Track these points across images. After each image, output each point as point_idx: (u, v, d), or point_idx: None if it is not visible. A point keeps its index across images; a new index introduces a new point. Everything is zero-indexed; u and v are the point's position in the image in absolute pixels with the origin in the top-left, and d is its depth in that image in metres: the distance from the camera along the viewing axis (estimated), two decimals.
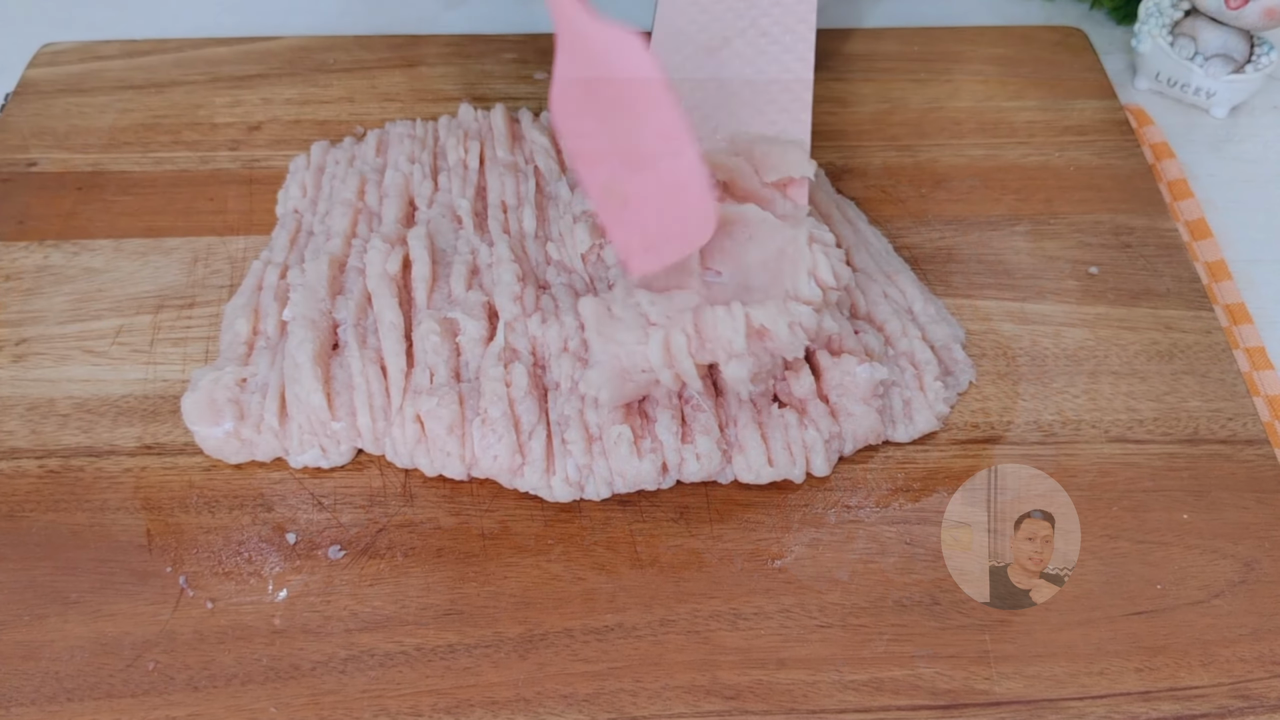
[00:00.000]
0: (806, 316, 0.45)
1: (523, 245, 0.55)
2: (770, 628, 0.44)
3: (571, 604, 0.44)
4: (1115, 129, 0.65)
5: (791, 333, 0.45)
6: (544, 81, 0.68)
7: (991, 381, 0.52)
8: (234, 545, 0.46)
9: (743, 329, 0.44)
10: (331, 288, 0.52)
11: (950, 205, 0.61)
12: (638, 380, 0.46)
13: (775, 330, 0.45)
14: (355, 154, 0.60)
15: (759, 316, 0.45)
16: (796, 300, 0.46)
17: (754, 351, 0.45)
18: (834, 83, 0.68)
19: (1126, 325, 0.55)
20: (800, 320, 0.45)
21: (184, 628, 0.43)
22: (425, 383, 0.48)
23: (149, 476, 0.48)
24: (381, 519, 0.47)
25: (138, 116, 0.65)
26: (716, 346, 0.44)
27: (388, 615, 0.44)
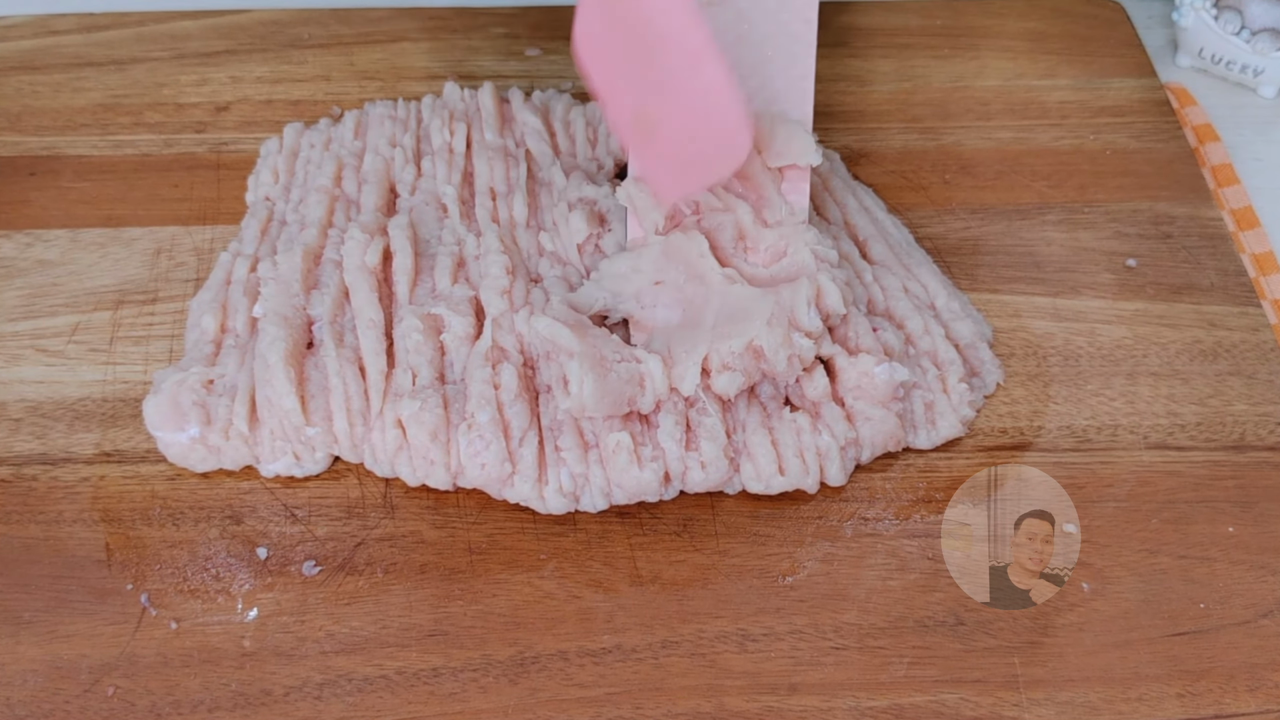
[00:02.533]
0: (807, 350, 0.47)
1: (513, 235, 0.55)
2: (781, 650, 0.44)
3: (566, 624, 0.44)
4: (1155, 110, 0.65)
5: (789, 365, 0.47)
6: (536, 58, 0.68)
7: (1021, 383, 0.52)
8: (200, 561, 0.46)
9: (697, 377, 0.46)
10: (306, 282, 0.52)
11: (976, 192, 0.61)
12: (624, 391, 0.46)
13: (774, 360, 0.46)
14: (331, 137, 0.60)
15: (761, 337, 0.46)
16: (797, 329, 0.47)
17: (745, 369, 0.46)
18: (850, 59, 0.68)
19: (1167, 322, 0.55)
20: (800, 353, 0.47)
21: (146, 650, 0.43)
22: (407, 385, 0.48)
23: (108, 486, 0.48)
24: (360, 532, 0.47)
25: (96, 96, 0.65)
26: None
27: (367, 636, 0.44)
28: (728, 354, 0.46)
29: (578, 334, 0.47)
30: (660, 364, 0.46)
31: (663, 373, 0.46)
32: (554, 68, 0.67)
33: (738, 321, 0.47)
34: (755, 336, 0.46)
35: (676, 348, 0.47)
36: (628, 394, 0.46)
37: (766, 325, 0.47)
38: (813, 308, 0.47)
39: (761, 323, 0.47)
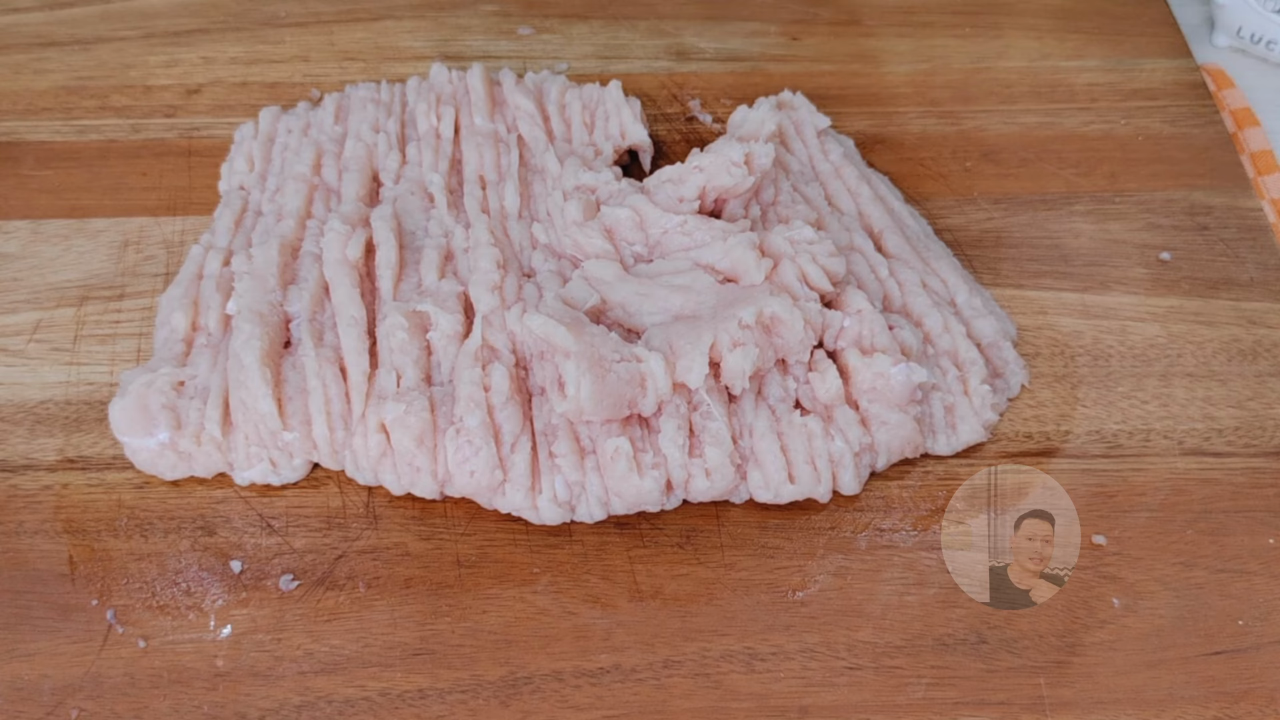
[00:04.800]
0: (815, 314, 0.48)
1: (504, 227, 0.55)
2: (791, 670, 0.44)
3: (561, 642, 0.44)
4: (1190, 92, 0.65)
5: (805, 333, 0.47)
6: (529, 37, 0.68)
7: (1047, 385, 0.52)
8: (170, 574, 0.46)
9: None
10: (283, 276, 0.52)
11: (999, 181, 0.61)
12: (624, 393, 0.46)
13: (789, 325, 0.47)
14: (310, 122, 0.60)
15: (770, 305, 0.46)
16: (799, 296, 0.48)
17: (758, 343, 0.47)
18: (864, 39, 0.68)
19: (1203, 320, 0.55)
20: (810, 317, 0.47)
21: (113, 670, 0.43)
22: (391, 386, 0.48)
23: (71, 495, 0.48)
24: (341, 544, 0.47)
25: (59, 78, 0.65)
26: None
27: (348, 655, 0.44)
28: (737, 330, 0.46)
29: (574, 332, 0.47)
30: (662, 362, 0.46)
31: (665, 372, 0.46)
32: (548, 47, 0.67)
33: (739, 305, 0.47)
34: (764, 305, 0.47)
35: (679, 341, 0.47)
36: (628, 395, 0.46)
37: (771, 295, 0.47)
38: (802, 286, 0.49)
39: (764, 295, 0.47)
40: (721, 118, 0.63)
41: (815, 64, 0.67)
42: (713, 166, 0.52)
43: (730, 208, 0.54)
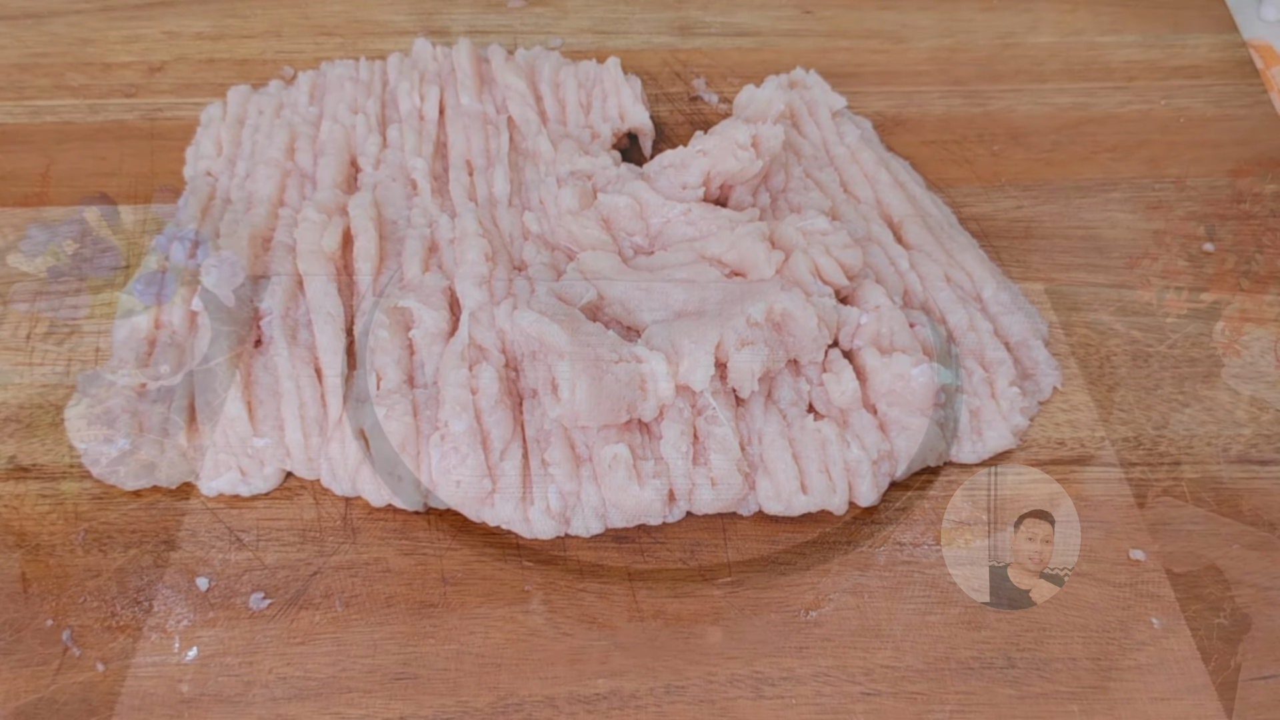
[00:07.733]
0: (829, 310, 0.48)
1: (493, 216, 0.55)
2: (803, 696, 0.44)
3: (554, 666, 0.44)
4: (1236, 70, 0.65)
5: (819, 331, 0.47)
6: (519, 11, 0.68)
7: (1081, 388, 0.52)
8: (131, 593, 0.46)
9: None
10: (254, 269, 0.52)
11: (1029, 166, 0.61)
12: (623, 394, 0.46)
13: (801, 322, 0.47)
14: (283, 102, 0.61)
15: (780, 301, 0.47)
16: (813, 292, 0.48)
17: (768, 341, 0.47)
18: (883, 12, 0.68)
19: (1251, 316, 0.55)
20: (824, 314, 0.47)
21: (68, 695, 0.43)
22: (371, 389, 0.48)
23: (24, 506, 0.48)
24: (316, 559, 0.47)
25: (10, 55, 0.65)
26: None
27: (324, 679, 0.44)
28: (745, 328, 0.46)
29: (568, 330, 0.47)
30: (664, 362, 0.46)
31: (667, 373, 0.46)
32: (540, 21, 0.67)
33: (748, 300, 0.48)
34: (774, 301, 0.47)
35: (682, 340, 0.47)
36: (627, 399, 0.46)
37: (781, 290, 0.47)
38: (816, 282, 0.49)
39: (775, 290, 0.47)
40: (728, 97, 0.63)
41: (830, 39, 0.67)
42: (717, 150, 0.52)
43: (737, 195, 0.54)
